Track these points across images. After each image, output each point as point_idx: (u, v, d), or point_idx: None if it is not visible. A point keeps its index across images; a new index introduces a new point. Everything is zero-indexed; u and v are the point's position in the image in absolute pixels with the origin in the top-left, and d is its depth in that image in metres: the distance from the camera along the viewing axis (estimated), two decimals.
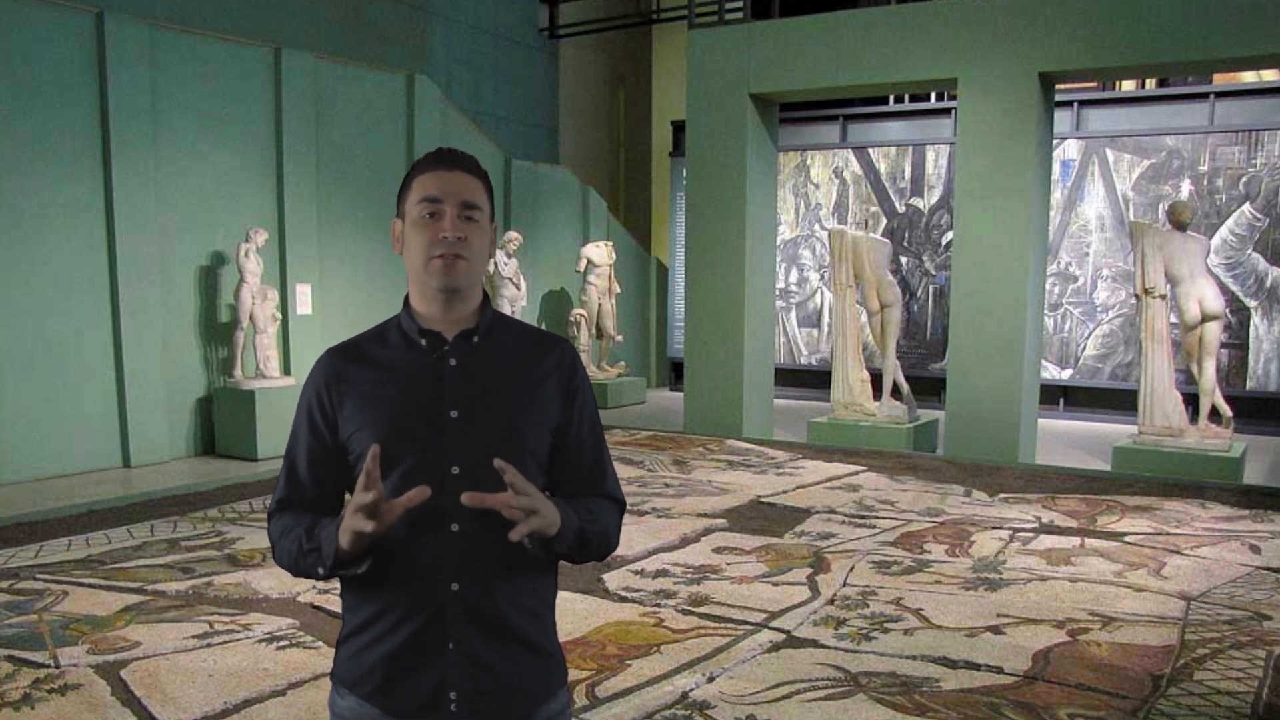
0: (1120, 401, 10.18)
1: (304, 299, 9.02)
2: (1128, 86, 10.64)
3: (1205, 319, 7.51)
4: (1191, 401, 7.78)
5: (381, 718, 1.62)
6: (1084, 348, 10.48)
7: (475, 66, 12.30)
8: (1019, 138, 7.93)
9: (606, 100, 14.53)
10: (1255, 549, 5.45)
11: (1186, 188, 9.89)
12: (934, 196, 11.21)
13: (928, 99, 11.40)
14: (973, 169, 8.14)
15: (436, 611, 1.59)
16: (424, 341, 1.66)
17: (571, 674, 3.01)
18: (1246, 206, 9.70)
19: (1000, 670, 3.78)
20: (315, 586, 4.63)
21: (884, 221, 11.45)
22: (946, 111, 11.04)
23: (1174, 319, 7.85)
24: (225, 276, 8.42)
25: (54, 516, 6.12)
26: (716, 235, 9.19)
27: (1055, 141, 9.45)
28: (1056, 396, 10.54)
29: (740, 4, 9.56)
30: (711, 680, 3.71)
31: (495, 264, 10.40)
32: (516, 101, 12.96)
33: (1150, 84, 10.44)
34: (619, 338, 11.92)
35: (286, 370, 8.76)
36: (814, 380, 11.62)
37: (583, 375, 1.74)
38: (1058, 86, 8.68)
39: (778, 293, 11.29)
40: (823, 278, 11.74)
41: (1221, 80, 9.99)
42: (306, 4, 9.54)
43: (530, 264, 11.52)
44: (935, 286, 11.21)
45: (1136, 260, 7.74)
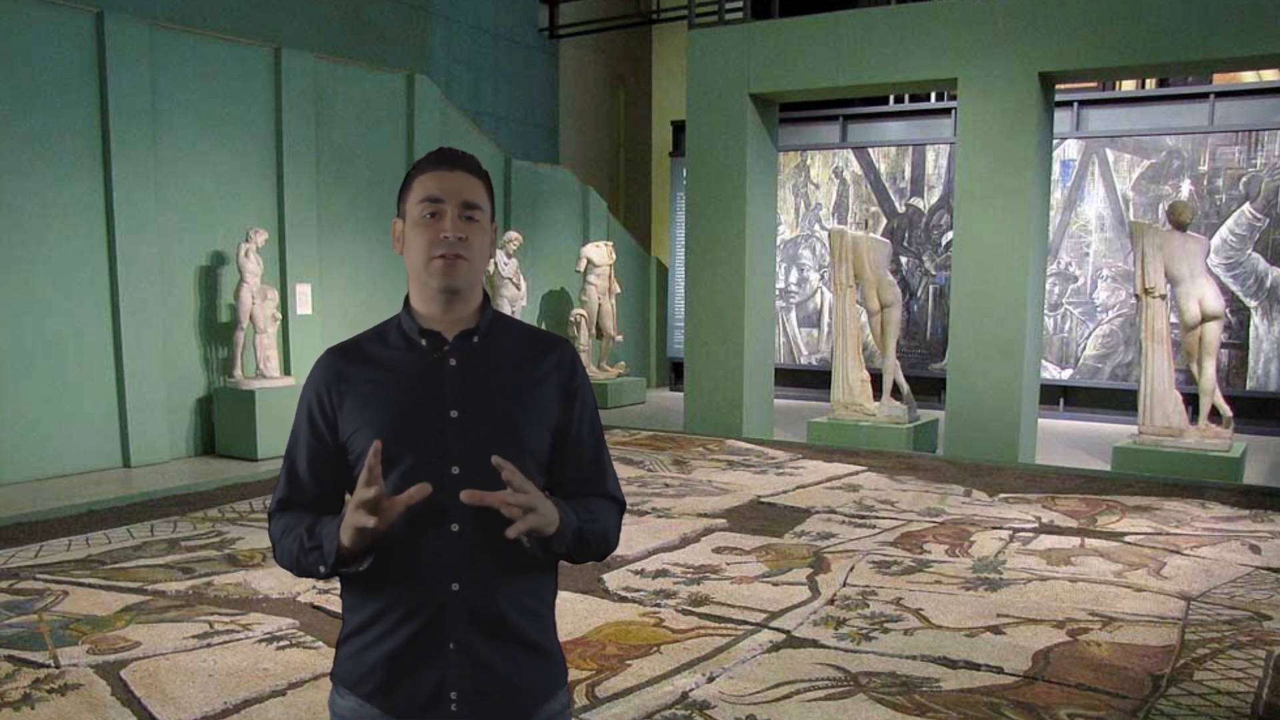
0: (1120, 401, 10.18)
1: (304, 299, 9.03)
2: (1128, 86, 10.64)
3: (1205, 319, 7.51)
4: (1191, 401, 7.78)
5: (382, 718, 1.62)
6: (1084, 348, 10.49)
7: (475, 66, 12.30)
8: (1019, 138, 7.94)
9: (606, 100, 14.53)
10: (1255, 549, 5.45)
11: (1186, 188, 9.89)
12: (934, 196, 11.21)
13: (928, 99, 11.40)
14: (973, 169, 8.15)
15: (437, 611, 1.59)
16: (424, 341, 1.66)
17: (571, 674, 3.00)
18: (1246, 206, 9.70)
19: (1000, 670, 3.78)
20: (315, 586, 4.63)
21: (884, 221, 11.45)
22: (946, 111, 11.04)
23: (1174, 319, 7.85)
24: (225, 276, 8.42)
25: (54, 516, 6.12)
26: (716, 235, 9.19)
27: (1055, 141, 9.45)
28: (1056, 396, 10.54)
29: (740, 4, 9.55)
30: (711, 680, 3.71)
31: (495, 264, 10.40)
32: (516, 101, 12.96)
33: (1150, 84, 10.44)
34: (619, 338, 11.92)
35: (286, 370, 8.76)
36: (814, 380, 11.62)
37: (583, 375, 1.74)
38: (1058, 86, 8.69)
39: (778, 293, 11.29)
40: (823, 278, 11.74)
41: (1221, 80, 9.99)
42: (306, 4, 9.54)
43: (530, 264, 11.52)
44: (935, 286, 11.21)
45: (1136, 260, 7.75)
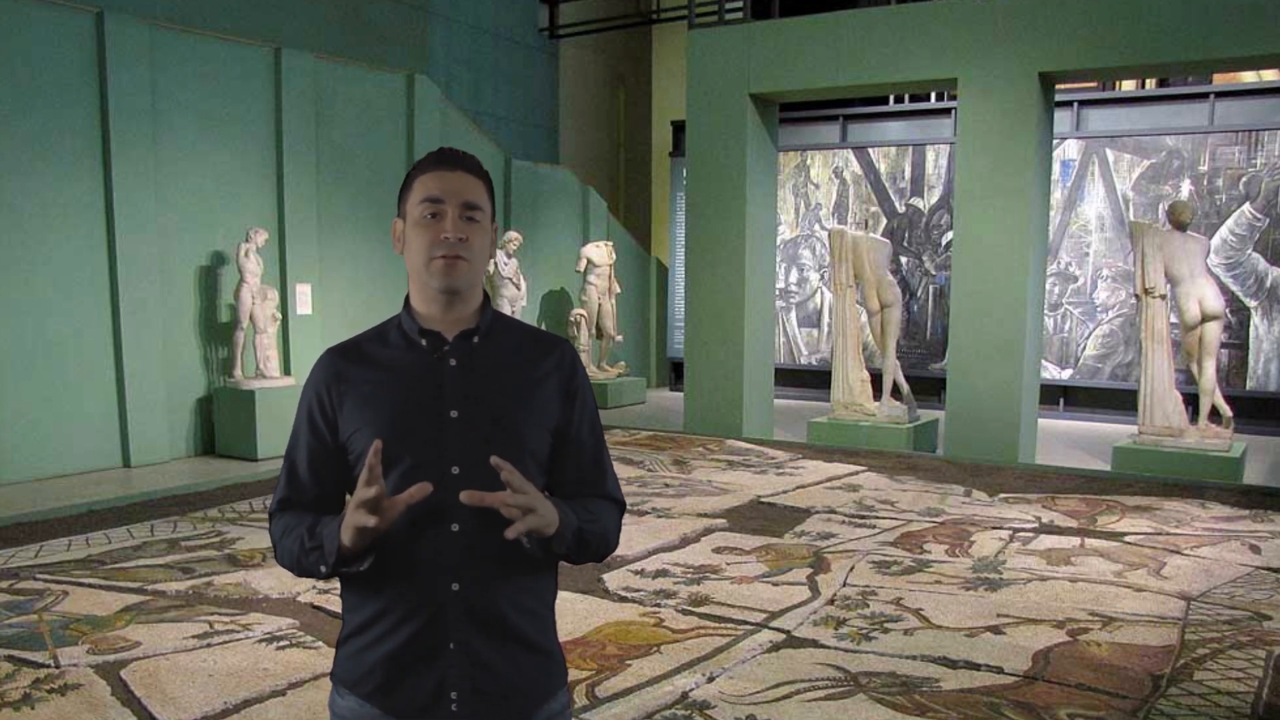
0: (1120, 401, 10.18)
1: (304, 299, 9.03)
2: (1128, 86, 10.64)
3: (1205, 319, 7.51)
4: (1191, 401, 7.78)
5: (382, 718, 1.62)
6: (1084, 348, 10.48)
7: (475, 66, 12.30)
8: (1019, 138, 7.94)
9: (606, 100, 14.53)
10: (1255, 549, 5.45)
11: (1186, 188, 9.89)
12: (934, 196, 11.21)
13: (928, 99, 11.40)
14: (973, 169, 8.15)
15: (437, 611, 1.59)
16: (424, 341, 1.66)
17: (571, 674, 3.00)
18: (1246, 206, 9.70)
19: (1000, 670, 3.78)
20: (315, 586, 4.63)
21: (884, 221, 11.45)
22: (946, 111, 11.04)
23: (1174, 319, 7.85)
24: (225, 276, 8.42)
25: (54, 516, 6.12)
26: (716, 235, 9.19)
27: (1055, 141, 9.45)
28: (1056, 396, 10.54)
29: (740, 4, 9.55)
30: (711, 680, 3.71)
31: (495, 264, 10.40)
32: (516, 101, 12.96)
33: (1150, 84, 10.44)
34: (619, 338, 11.92)
35: (286, 370, 8.76)
36: (814, 380, 11.62)
37: (583, 376, 1.74)
38: (1058, 86, 8.69)
39: (778, 293, 11.29)
40: (823, 278, 11.74)
41: (1221, 80, 9.99)
42: (306, 4, 9.55)
43: (530, 264, 11.52)
44: (935, 286, 11.21)
45: (1136, 260, 7.75)
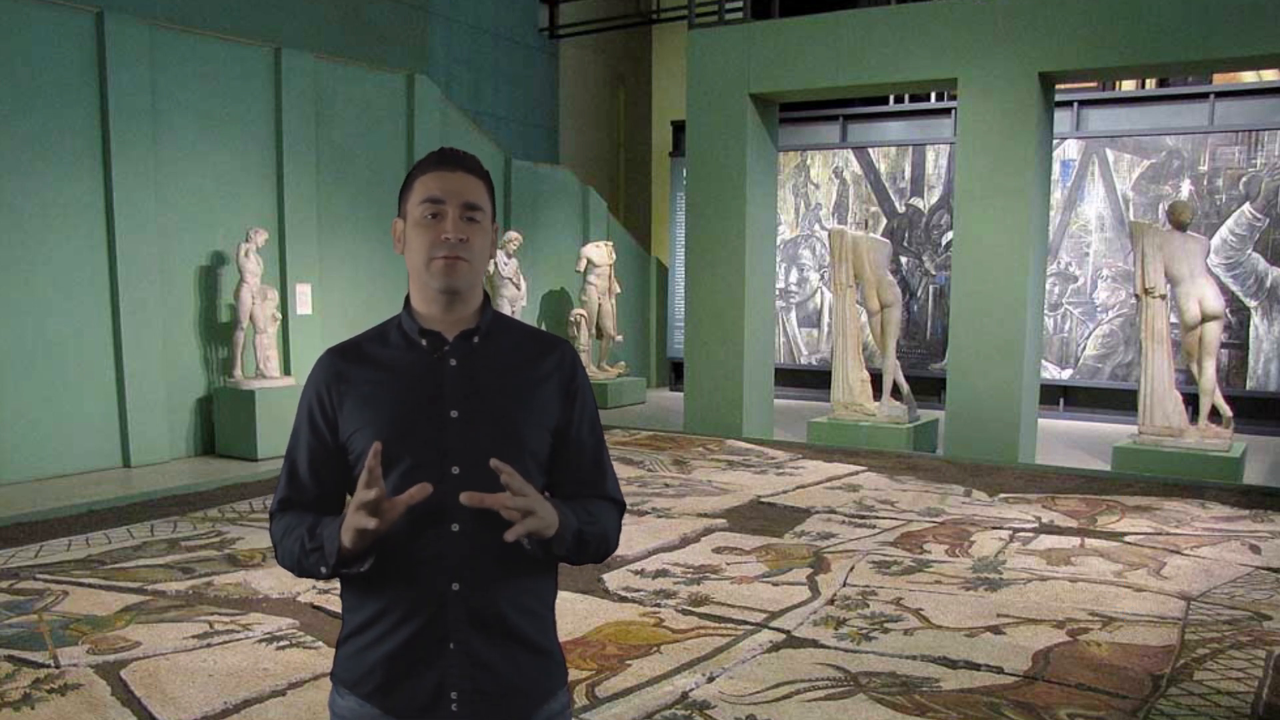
0: (1120, 401, 10.18)
1: (304, 299, 9.03)
2: (1128, 86, 10.64)
3: (1205, 319, 7.51)
4: (1191, 401, 7.78)
5: (382, 718, 1.62)
6: (1084, 348, 10.48)
7: (475, 66, 12.30)
8: (1019, 138, 7.94)
9: (606, 100, 14.53)
10: (1255, 549, 5.45)
11: (1186, 188, 9.89)
12: (934, 196, 11.21)
13: (928, 99, 11.40)
14: (973, 169, 8.15)
15: (437, 611, 1.59)
16: (424, 342, 1.66)
17: (571, 674, 3.01)
18: (1246, 206, 9.70)
19: (1000, 670, 3.78)
20: (315, 586, 4.63)
21: (884, 221, 11.45)
22: (946, 111, 11.04)
23: (1174, 319, 7.85)
24: (225, 276, 8.42)
25: (54, 516, 6.12)
26: (716, 235, 9.19)
27: (1055, 141, 9.45)
28: (1056, 396, 10.54)
29: (740, 4, 9.55)
30: (711, 680, 3.71)
31: (495, 264, 10.40)
32: (516, 101, 12.96)
33: (1150, 84, 10.44)
34: (619, 338, 11.92)
35: (286, 370, 8.76)
36: (814, 380, 11.62)
37: (583, 376, 1.74)
38: (1058, 86, 8.69)
39: (778, 293, 11.29)
40: (823, 278, 11.74)
41: (1221, 80, 9.99)
42: (306, 4, 9.54)
43: (530, 264, 11.52)
44: (935, 286, 11.21)
45: (1136, 260, 7.75)
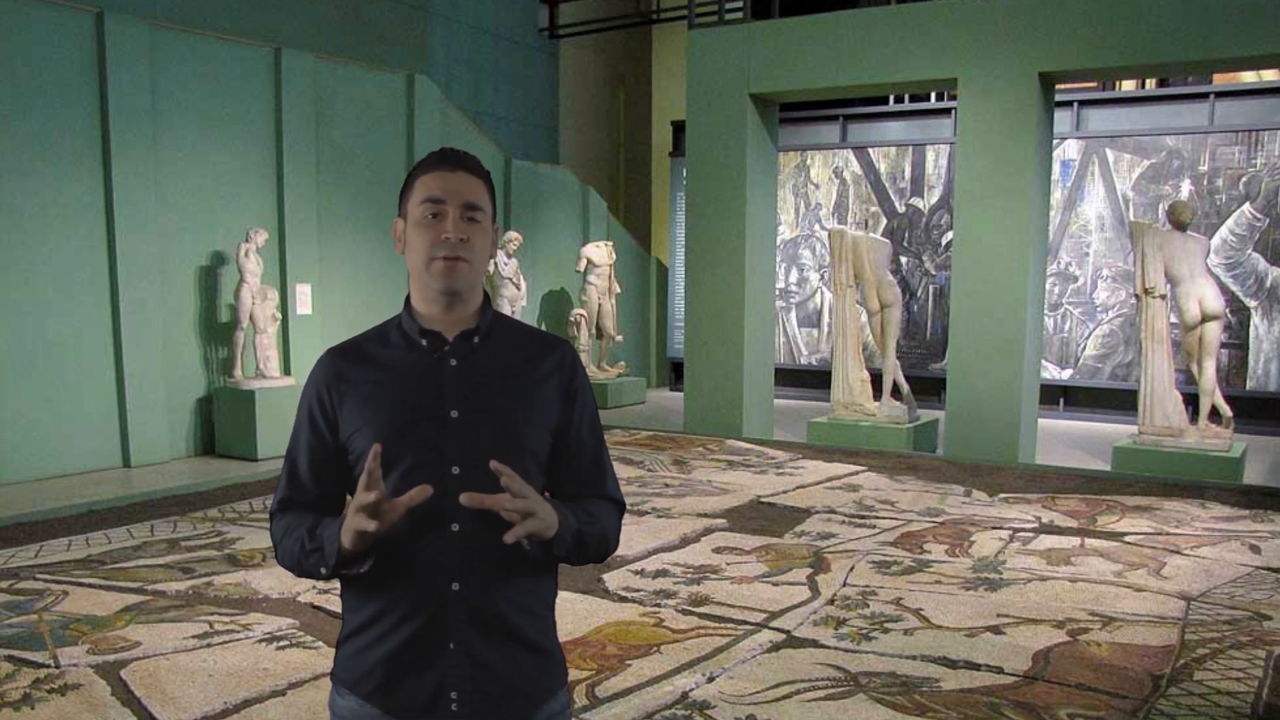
0: (1120, 401, 10.18)
1: (304, 299, 9.03)
2: (1128, 86, 10.64)
3: (1205, 319, 7.51)
4: (1191, 401, 7.78)
5: (382, 718, 1.62)
6: (1084, 348, 10.48)
7: (475, 66, 12.30)
8: (1019, 138, 7.94)
9: (606, 100, 14.53)
10: (1255, 549, 5.45)
11: (1186, 188, 9.89)
12: (934, 196, 11.21)
13: (928, 99, 11.40)
14: (973, 169, 8.15)
15: (437, 611, 1.59)
16: (424, 342, 1.66)
17: (571, 674, 3.01)
18: (1246, 206, 9.70)
19: (1000, 670, 3.78)
20: (315, 586, 4.63)
21: (884, 221, 11.45)
22: (946, 111, 11.04)
23: (1174, 319, 7.85)
24: (225, 276, 8.42)
25: (54, 516, 6.12)
26: (716, 235, 9.19)
27: (1055, 141, 9.45)
28: (1056, 396, 10.54)
29: (740, 4, 9.55)
30: (711, 680, 3.71)
31: (495, 264, 10.39)
32: (516, 101, 12.96)
33: (1150, 84, 10.44)
34: (619, 338, 11.92)
35: (286, 370, 8.76)
36: (814, 380, 11.62)
37: (583, 376, 1.75)
38: (1058, 86, 8.69)
39: (778, 293, 11.29)
40: (823, 278, 11.74)
41: (1221, 80, 9.99)
42: (306, 4, 9.54)
43: (530, 264, 11.52)
44: (935, 286, 11.21)
45: (1136, 260, 7.75)
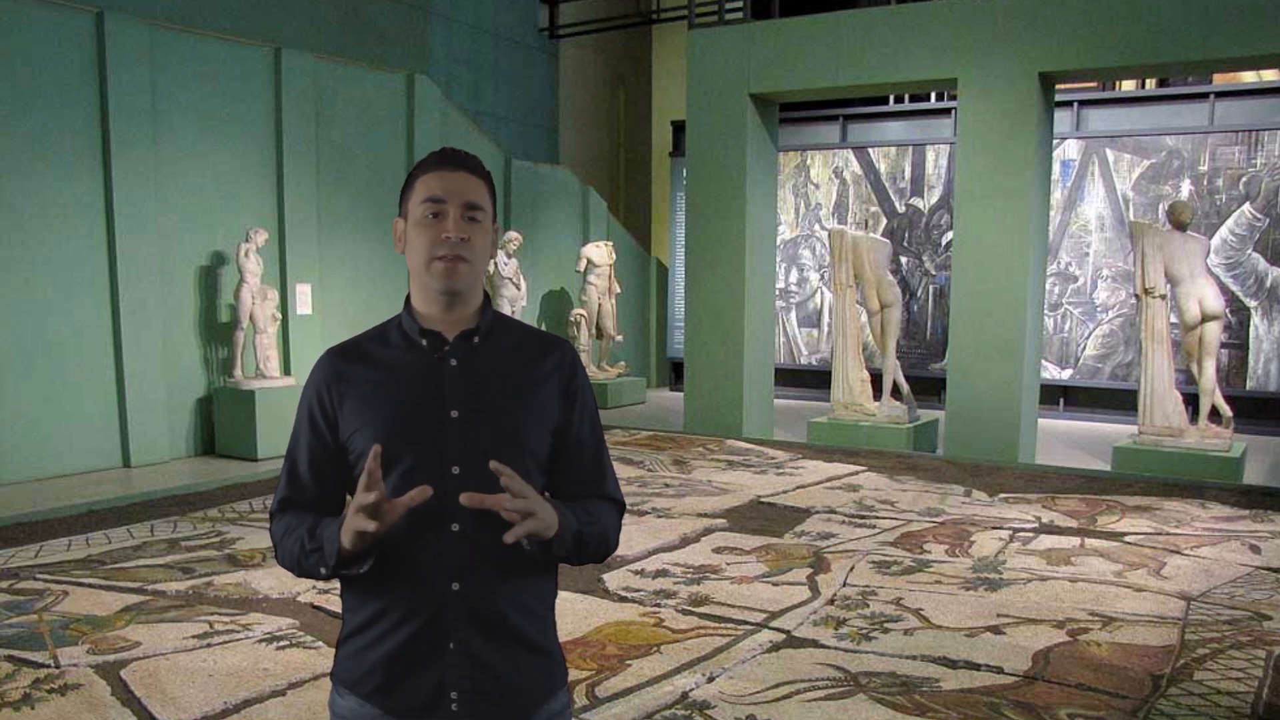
0: (1120, 401, 10.18)
1: (304, 299, 9.03)
2: (1128, 86, 10.64)
3: (1205, 319, 7.51)
4: (1191, 401, 7.78)
5: (382, 718, 1.62)
6: (1084, 348, 10.48)
7: (475, 66, 12.30)
8: (1019, 138, 7.94)
9: (606, 100, 14.53)
10: (1255, 549, 5.45)
11: (1186, 188, 9.89)
12: (934, 196, 11.21)
13: (928, 99, 11.40)
14: (973, 169, 8.15)
15: (437, 611, 1.59)
16: (425, 342, 1.66)
17: (571, 674, 3.01)
18: (1246, 206, 9.70)
19: (1000, 670, 3.79)
20: (315, 586, 4.63)
21: (884, 221, 11.45)
22: (946, 111, 11.04)
23: (1174, 319, 7.85)
24: (225, 276, 8.42)
25: (54, 516, 6.12)
26: (716, 235, 9.19)
27: (1055, 141, 9.45)
28: (1056, 396, 10.54)
29: (740, 4, 9.55)
30: (711, 680, 3.71)
31: (495, 264, 10.39)
32: (516, 101, 12.96)
33: (1150, 84, 10.44)
34: (619, 338, 11.92)
35: (286, 370, 8.76)
36: (814, 380, 11.62)
37: (583, 376, 1.75)
38: (1058, 86, 8.69)
39: (778, 293, 11.29)
40: (823, 278, 11.74)
41: (1221, 80, 9.99)
42: (306, 4, 9.54)
43: (530, 264, 11.52)
44: (935, 286, 11.20)
45: (1136, 260, 7.75)
